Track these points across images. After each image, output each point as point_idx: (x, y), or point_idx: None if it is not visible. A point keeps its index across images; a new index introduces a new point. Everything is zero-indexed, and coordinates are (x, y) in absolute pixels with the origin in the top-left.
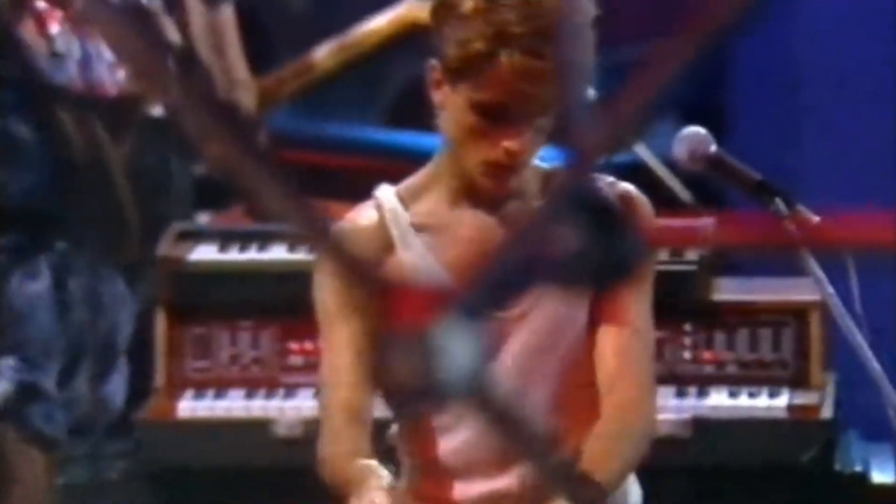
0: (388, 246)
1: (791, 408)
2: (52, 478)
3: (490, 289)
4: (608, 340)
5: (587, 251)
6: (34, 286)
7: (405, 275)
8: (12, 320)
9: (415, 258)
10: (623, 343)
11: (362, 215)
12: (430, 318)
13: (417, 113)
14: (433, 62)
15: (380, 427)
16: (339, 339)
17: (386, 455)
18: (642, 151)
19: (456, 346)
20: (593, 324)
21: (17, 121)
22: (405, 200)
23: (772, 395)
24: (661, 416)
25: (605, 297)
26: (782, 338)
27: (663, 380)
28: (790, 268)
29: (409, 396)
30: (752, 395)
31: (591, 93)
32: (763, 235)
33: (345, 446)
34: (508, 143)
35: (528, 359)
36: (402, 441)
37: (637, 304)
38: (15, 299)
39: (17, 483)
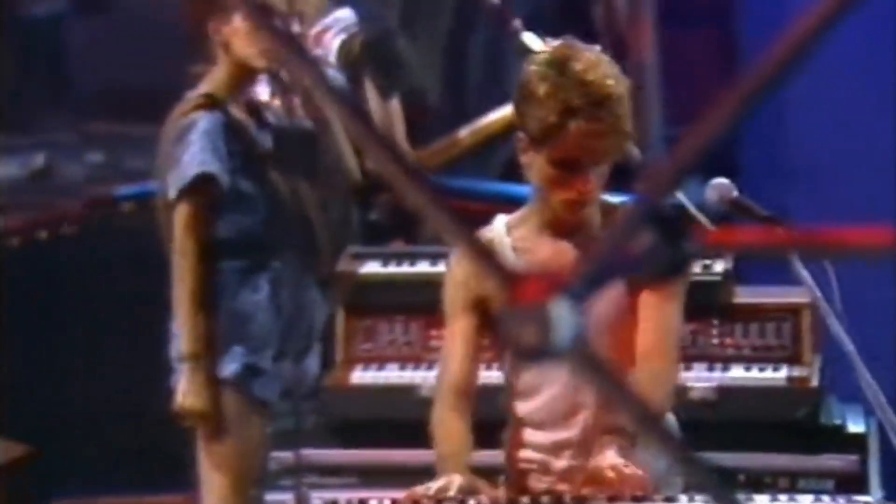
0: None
1: (789, 378)
2: (264, 428)
3: (589, 277)
4: (650, 322)
5: (655, 253)
6: (256, 296)
7: None
8: (241, 320)
9: None
10: (660, 326)
11: (482, 235)
12: (546, 298)
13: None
14: (520, 134)
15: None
16: (454, 330)
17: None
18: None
19: (564, 318)
20: (636, 310)
21: (242, 179)
22: (510, 228)
23: (775, 369)
24: (696, 385)
25: (651, 292)
26: (783, 329)
27: (697, 358)
28: (789, 278)
29: (529, 356)
30: (761, 370)
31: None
32: (769, 241)
33: (447, 424)
34: (580, 187)
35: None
36: (505, 401)
37: (674, 300)
38: (242, 306)
39: (240, 433)
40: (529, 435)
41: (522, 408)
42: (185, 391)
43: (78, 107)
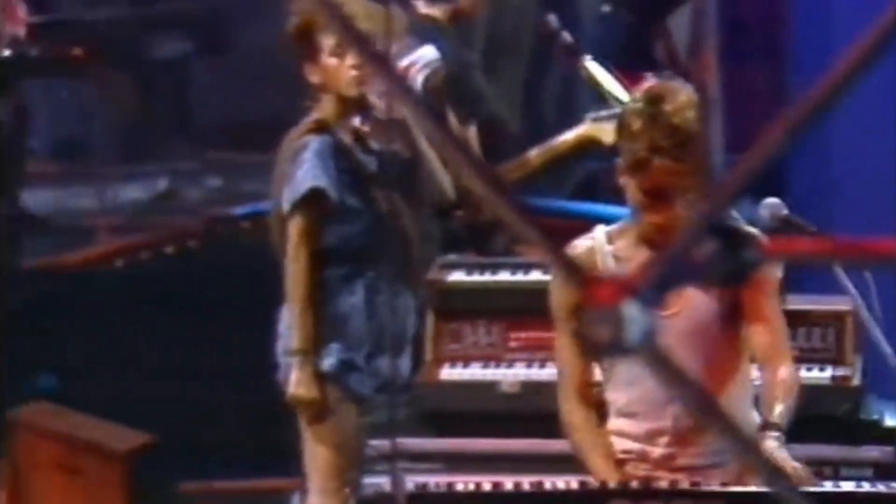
0: (593, 265)
1: (833, 378)
2: (361, 417)
3: (657, 281)
4: (760, 327)
5: (719, 261)
6: (353, 299)
7: None
8: (339, 321)
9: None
10: (771, 328)
11: (581, 242)
12: (618, 300)
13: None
14: (619, 160)
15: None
16: (564, 336)
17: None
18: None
19: (635, 318)
20: (737, 319)
21: (348, 195)
22: (611, 238)
23: (821, 370)
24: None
25: (751, 300)
26: (828, 333)
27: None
28: (834, 288)
29: (603, 352)
30: (808, 370)
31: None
32: (818, 250)
33: (579, 419)
34: (667, 213)
35: (682, 350)
36: (606, 393)
37: (774, 301)
38: (341, 308)
39: (339, 421)
40: (626, 425)
41: (619, 399)
42: (297, 382)
43: (198, 137)
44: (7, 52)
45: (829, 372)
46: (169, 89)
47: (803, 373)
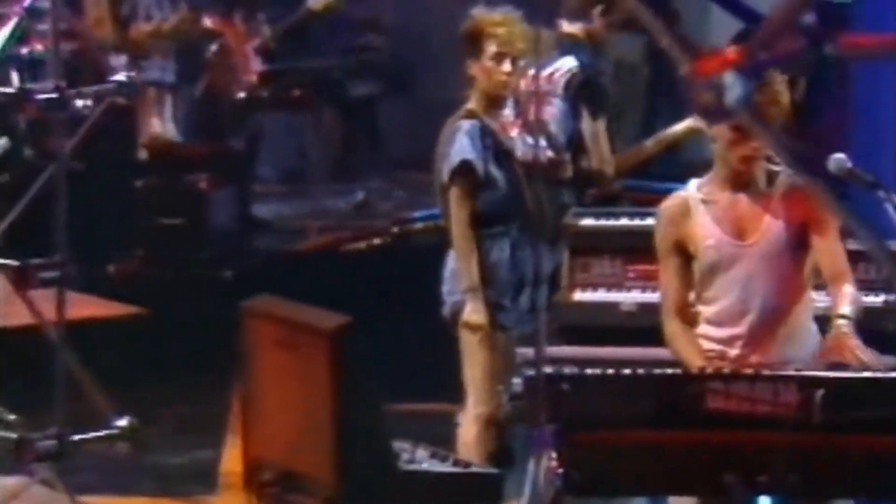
0: (686, 210)
1: (885, 302)
2: (510, 340)
3: (751, 58)
4: (827, 253)
5: (803, 52)
6: (502, 254)
7: (695, 225)
8: (490, 271)
9: (699, 217)
10: (835, 253)
11: (677, 193)
12: (720, 71)
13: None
14: None
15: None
16: (666, 267)
17: None
18: None
19: (733, 86)
20: (802, 248)
21: (494, 168)
22: (700, 187)
23: (875, 295)
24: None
25: (818, 233)
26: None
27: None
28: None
29: (708, 114)
30: (865, 296)
31: None
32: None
33: (681, 335)
34: (753, 144)
35: (757, 272)
36: (697, 306)
37: (835, 231)
38: (491, 260)
39: (491, 348)
40: (711, 331)
41: (706, 312)
42: (471, 311)
43: (388, 161)
44: (243, 95)
45: (882, 297)
46: (365, 123)
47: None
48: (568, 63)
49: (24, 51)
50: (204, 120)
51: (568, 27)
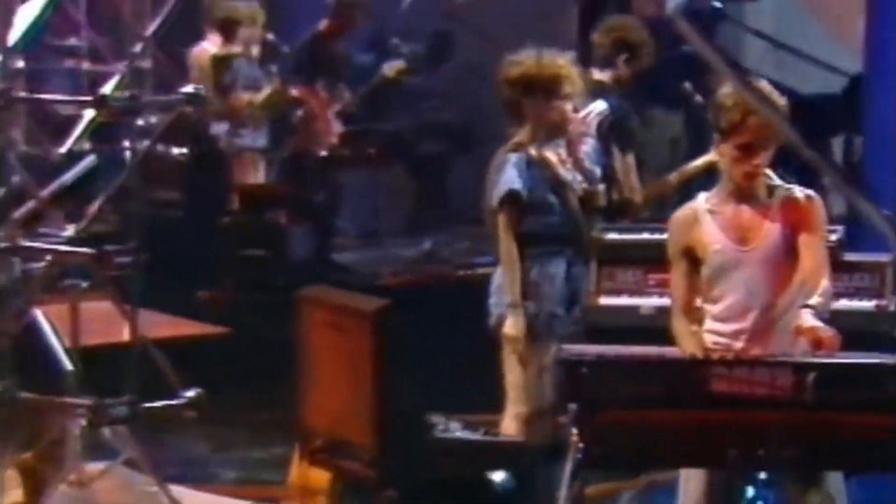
0: (695, 219)
1: (876, 306)
2: (548, 347)
3: None
4: (809, 255)
5: None
6: (557, 269)
7: (703, 233)
8: (547, 284)
9: (707, 225)
10: (817, 255)
11: (687, 205)
12: None
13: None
14: (715, 135)
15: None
16: (676, 271)
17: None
18: None
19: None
20: (794, 252)
21: (549, 194)
22: (707, 199)
23: (868, 301)
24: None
25: (806, 236)
26: (874, 277)
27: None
28: (881, 247)
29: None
30: (859, 300)
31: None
32: None
33: (686, 332)
34: (755, 161)
35: (758, 273)
36: (705, 304)
37: (822, 238)
38: (549, 275)
39: (541, 353)
40: (718, 326)
41: (714, 309)
42: (511, 324)
43: (453, 214)
44: (325, 154)
45: (873, 302)
46: (433, 179)
47: (856, 303)
48: (599, 106)
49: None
50: (291, 177)
51: (598, 74)
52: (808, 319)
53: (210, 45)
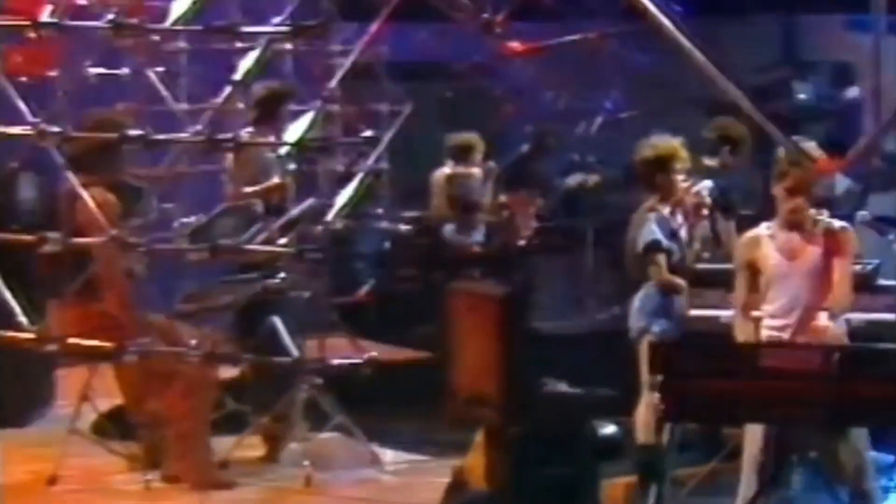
0: (757, 241)
1: None
2: None
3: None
4: (840, 270)
5: None
6: (678, 297)
7: (763, 251)
8: (669, 308)
9: (765, 247)
10: (845, 271)
11: (753, 231)
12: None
13: None
14: (775, 184)
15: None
16: (739, 280)
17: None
18: None
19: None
20: (830, 266)
21: (674, 244)
22: (768, 227)
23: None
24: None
25: (838, 256)
26: None
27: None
28: None
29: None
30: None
31: None
32: None
33: (741, 325)
34: (798, 202)
35: (801, 283)
36: (763, 305)
37: (849, 258)
38: (670, 301)
39: None
40: (771, 322)
41: (769, 308)
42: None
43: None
44: (523, 243)
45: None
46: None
47: (883, 316)
48: (707, 183)
49: None
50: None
51: (707, 161)
52: (821, 317)
53: (446, 169)
